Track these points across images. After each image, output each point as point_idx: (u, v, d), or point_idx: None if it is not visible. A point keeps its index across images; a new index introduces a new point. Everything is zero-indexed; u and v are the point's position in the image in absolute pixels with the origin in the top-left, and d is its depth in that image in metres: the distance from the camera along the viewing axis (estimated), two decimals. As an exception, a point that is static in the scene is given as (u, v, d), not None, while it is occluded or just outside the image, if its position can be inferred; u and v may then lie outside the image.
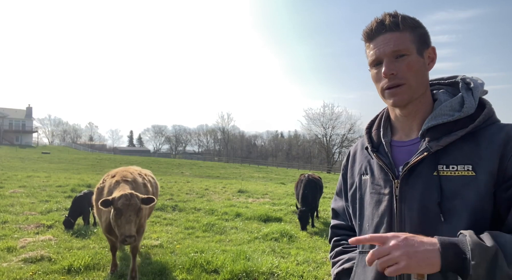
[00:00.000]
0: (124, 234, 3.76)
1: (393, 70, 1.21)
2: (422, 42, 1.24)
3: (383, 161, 1.29)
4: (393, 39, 1.22)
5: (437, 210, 1.13)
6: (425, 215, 1.15)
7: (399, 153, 1.30)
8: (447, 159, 1.16)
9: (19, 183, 14.01)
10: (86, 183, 14.30)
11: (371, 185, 1.33)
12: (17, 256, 5.31)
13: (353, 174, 1.45)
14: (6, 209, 8.89)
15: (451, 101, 1.23)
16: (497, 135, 1.14)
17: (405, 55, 1.21)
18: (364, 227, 1.33)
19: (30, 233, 6.78)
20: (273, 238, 7.10)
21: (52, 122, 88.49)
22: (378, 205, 1.27)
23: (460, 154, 1.16)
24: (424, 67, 1.25)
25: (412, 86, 1.22)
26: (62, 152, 53.28)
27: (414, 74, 1.22)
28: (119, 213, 3.85)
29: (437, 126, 1.20)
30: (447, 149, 1.17)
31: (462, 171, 1.13)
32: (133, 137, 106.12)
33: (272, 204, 11.75)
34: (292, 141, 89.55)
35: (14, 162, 28.94)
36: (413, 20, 1.25)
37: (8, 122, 63.43)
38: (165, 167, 34.79)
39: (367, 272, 1.25)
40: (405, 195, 1.20)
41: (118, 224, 3.85)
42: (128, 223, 3.82)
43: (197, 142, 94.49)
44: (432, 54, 1.27)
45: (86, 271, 4.83)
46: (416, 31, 1.24)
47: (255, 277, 4.81)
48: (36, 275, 4.62)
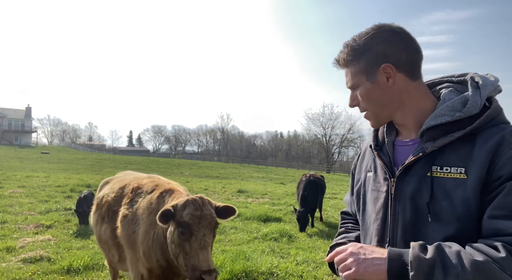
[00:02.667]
0: (200, 268, 2.22)
1: (353, 102, 1.35)
2: (370, 67, 1.27)
3: (383, 160, 1.34)
4: (346, 75, 1.34)
5: (426, 210, 1.15)
6: (416, 214, 1.19)
7: (400, 152, 1.34)
8: (442, 160, 1.17)
9: (18, 183, 14.00)
10: (86, 183, 14.29)
11: (373, 182, 1.38)
12: (16, 256, 5.31)
13: (360, 170, 1.51)
14: (5, 209, 8.88)
15: (453, 101, 1.22)
16: (492, 138, 1.12)
17: (357, 87, 1.31)
18: (366, 222, 1.39)
19: (30, 233, 6.78)
20: (273, 238, 7.10)
21: (51, 122, 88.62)
22: (376, 202, 1.33)
23: (455, 156, 1.16)
24: (379, 90, 1.28)
25: (374, 112, 1.33)
26: (62, 152, 53.25)
27: (369, 102, 1.31)
28: (187, 232, 2.33)
29: (435, 126, 1.20)
30: (443, 150, 1.18)
31: (454, 173, 1.14)
32: (132, 137, 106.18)
33: (272, 204, 11.74)
34: (292, 141, 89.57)
35: (13, 162, 28.91)
36: (359, 49, 1.28)
37: (7, 122, 63.37)
38: (165, 167, 34.76)
39: None
40: (400, 194, 1.24)
41: (185, 250, 2.31)
42: (204, 249, 2.30)
43: (196, 142, 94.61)
44: (388, 70, 1.26)
45: (85, 271, 4.83)
46: (362, 60, 1.28)
47: (255, 277, 4.81)
48: (35, 275, 4.62)
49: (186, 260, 2.30)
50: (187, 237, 2.32)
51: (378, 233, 1.29)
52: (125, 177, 3.64)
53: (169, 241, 2.43)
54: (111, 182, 3.74)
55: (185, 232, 2.32)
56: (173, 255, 2.42)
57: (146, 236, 2.68)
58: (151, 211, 2.73)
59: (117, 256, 3.19)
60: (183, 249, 2.33)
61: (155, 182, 3.07)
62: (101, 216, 3.30)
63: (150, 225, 2.68)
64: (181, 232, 2.33)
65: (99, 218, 3.34)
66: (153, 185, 2.99)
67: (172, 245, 2.40)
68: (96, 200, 3.55)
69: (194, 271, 2.24)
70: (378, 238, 1.28)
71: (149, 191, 2.93)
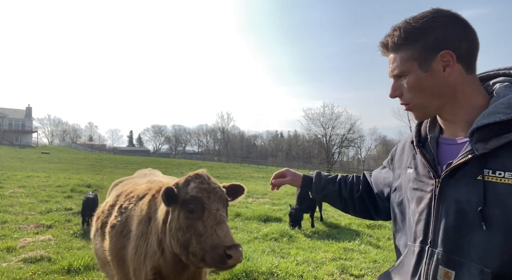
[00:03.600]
0: (223, 244, 1.84)
1: (395, 92, 1.26)
2: (426, 53, 1.18)
3: (426, 158, 1.26)
4: (393, 62, 1.24)
5: (475, 216, 1.08)
6: (461, 219, 1.12)
7: (445, 150, 1.25)
8: (494, 164, 1.07)
9: (18, 183, 14.00)
10: (86, 183, 14.28)
11: (414, 180, 1.30)
12: (16, 256, 5.31)
13: (401, 165, 1.44)
14: (6, 209, 8.88)
15: (509, 98, 1.10)
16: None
17: (404, 76, 1.22)
18: (409, 221, 1.32)
19: (30, 233, 6.78)
20: (273, 238, 7.10)
21: (52, 122, 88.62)
22: (419, 202, 1.26)
23: (510, 159, 1.06)
24: (432, 80, 1.19)
25: (421, 103, 1.22)
26: (62, 152, 53.26)
27: (418, 93, 1.21)
28: (197, 208, 1.96)
29: (488, 125, 1.09)
30: (497, 152, 1.08)
31: (509, 179, 1.04)
32: (132, 137, 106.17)
33: (272, 204, 11.74)
34: (292, 141, 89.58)
35: (13, 162, 28.92)
36: (414, 32, 1.18)
37: (7, 122, 63.39)
38: (165, 166, 34.75)
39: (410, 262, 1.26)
40: (445, 196, 1.17)
41: (198, 231, 1.92)
42: (222, 223, 1.94)
43: (196, 141, 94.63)
44: (447, 58, 1.16)
45: (85, 271, 4.83)
46: (417, 45, 1.18)
47: (255, 277, 4.81)
48: (35, 275, 4.62)
49: (201, 242, 1.88)
50: (199, 214, 1.93)
51: (421, 234, 1.23)
52: (133, 180, 3.25)
53: (174, 231, 2.00)
54: (119, 185, 3.34)
55: (194, 208, 1.94)
56: (180, 246, 1.98)
57: (137, 251, 2.26)
58: (141, 220, 2.33)
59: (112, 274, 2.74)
60: (195, 230, 1.91)
61: (150, 185, 2.65)
62: (97, 228, 2.90)
63: (141, 237, 2.28)
64: (189, 209, 1.94)
65: (96, 230, 2.93)
66: (146, 189, 2.60)
67: (178, 233, 1.97)
68: (97, 209, 3.15)
69: (215, 250, 1.83)
70: (421, 239, 1.23)
71: (140, 196, 2.54)
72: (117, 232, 2.45)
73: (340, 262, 5.62)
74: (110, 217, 2.67)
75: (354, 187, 1.71)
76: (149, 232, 2.23)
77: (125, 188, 2.89)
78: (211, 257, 1.84)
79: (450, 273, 1.11)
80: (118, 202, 2.71)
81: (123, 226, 2.44)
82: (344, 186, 1.73)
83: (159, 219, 2.18)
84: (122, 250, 2.39)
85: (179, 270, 2.16)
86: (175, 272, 2.17)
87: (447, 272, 1.12)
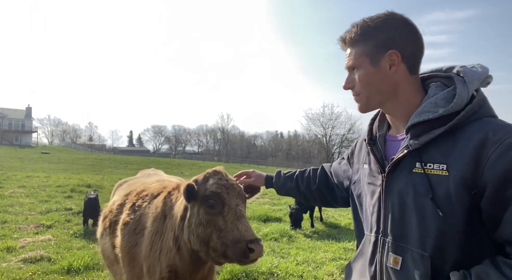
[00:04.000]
0: (244, 238, 1.85)
1: (346, 84, 1.37)
2: (377, 51, 1.28)
3: (375, 155, 1.39)
4: (349, 56, 1.35)
5: (412, 205, 1.21)
6: (403, 209, 1.24)
7: (391, 147, 1.38)
8: (426, 157, 1.20)
9: (18, 183, 13.99)
10: (86, 183, 14.28)
11: (368, 175, 1.44)
12: (16, 256, 5.31)
13: (359, 160, 1.58)
14: (6, 209, 8.87)
15: (436, 98, 1.24)
16: (475, 136, 1.12)
17: (357, 69, 1.33)
18: (366, 213, 1.44)
19: (30, 233, 6.78)
20: (273, 238, 7.10)
21: (52, 123, 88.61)
22: (372, 195, 1.39)
23: (437, 152, 1.18)
24: (379, 75, 1.30)
25: (366, 96, 1.34)
26: (62, 152, 53.25)
27: (365, 86, 1.32)
28: (217, 203, 1.98)
29: (419, 123, 1.22)
30: (427, 146, 1.20)
31: (437, 170, 1.16)
32: (132, 137, 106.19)
33: (272, 204, 11.75)
34: (292, 141, 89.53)
35: (13, 162, 28.91)
36: (368, 30, 1.29)
37: (7, 122, 63.38)
38: (165, 167, 34.74)
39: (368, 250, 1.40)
40: (390, 189, 1.29)
41: (219, 226, 1.93)
42: (242, 218, 1.95)
43: (196, 142, 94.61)
44: (393, 57, 1.27)
45: (85, 271, 4.82)
46: (370, 42, 1.29)
47: (255, 277, 4.81)
48: (35, 275, 4.62)
49: (222, 237, 1.90)
50: (219, 210, 1.95)
51: (375, 225, 1.36)
52: (139, 180, 3.19)
53: (193, 227, 2.01)
54: (123, 185, 3.29)
55: (214, 203, 1.96)
56: (201, 242, 1.98)
57: (152, 248, 2.26)
58: (156, 216, 2.33)
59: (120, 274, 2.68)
60: (215, 225, 1.93)
61: (163, 184, 2.66)
62: (104, 228, 2.89)
63: (156, 234, 2.28)
64: (209, 205, 1.96)
65: (103, 230, 2.91)
66: (160, 187, 2.61)
67: (198, 229, 1.98)
68: (103, 209, 3.11)
69: (237, 244, 1.84)
70: (375, 229, 1.35)
71: (155, 194, 2.54)
72: (130, 229, 2.44)
73: (340, 262, 5.61)
74: (119, 216, 2.66)
75: (310, 181, 1.87)
76: (164, 229, 2.23)
77: (134, 187, 2.88)
78: (233, 252, 1.85)
79: (398, 258, 1.24)
80: (129, 201, 2.70)
81: (136, 223, 2.43)
82: (301, 181, 1.90)
83: (176, 216, 2.18)
84: (135, 247, 2.38)
85: (195, 268, 2.17)
86: (190, 270, 2.17)
87: (395, 258, 1.25)
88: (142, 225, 2.40)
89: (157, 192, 2.57)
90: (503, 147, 1.07)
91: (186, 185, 2.01)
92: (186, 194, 1.99)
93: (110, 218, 2.80)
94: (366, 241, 1.42)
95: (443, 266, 1.16)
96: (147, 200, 2.54)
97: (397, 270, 1.23)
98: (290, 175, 1.96)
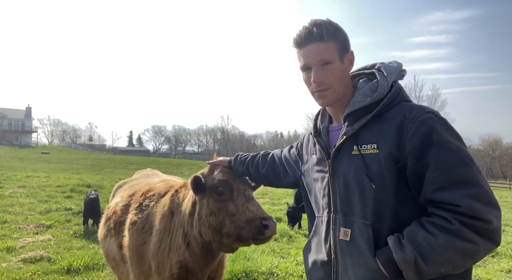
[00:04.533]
0: (258, 216, 1.91)
1: (320, 78, 1.46)
2: (342, 49, 1.48)
3: (320, 144, 1.59)
4: (319, 50, 1.44)
5: (354, 183, 1.41)
6: (347, 187, 1.44)
7: (333, 136, 1.58)
8: (361, 140, 1.42)
9: (18, 183, 13.99)
10: (86, 183, 14.28)
11: (316, 164, 1.63)
12: (16, 256, 5.31)
13: (307, 152, 1.76)
14: (6, 209, 8.88)
15: (364, 89, 1.47)
16: (396, 117, 1.36)
17: (330, 63, 1.45)
18: (317, 197, 1.62)
19: (30, 233, 6.78)
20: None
21: (52, 123, 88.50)
22: (322, 180, 1.58)
23: (369, 134, 1.40)
24: (345, 71, 1.51)
25: (336, 89, 1.48)
26: (62, 152, 53.24)
27: (337, 80, 1.47)
28: (226, 190, 2.04)
29: (353, 112, 1.44)
30: (361, 130, 1.42)
31: (369, 149, 1.38)
32: (132, 137, 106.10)
33: (272, 204, 11.75)
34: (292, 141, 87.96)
35: (13, 162, 28.91)
36: (335, 29, 1.47)
37: (7, 122, 63.39)
38: (165, 167, 34.75)
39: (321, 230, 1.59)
40: (336, 172, 1.50)
41: (231, 211, 1.98)
42: (252, 200, 2.02)
43: (196, 142, 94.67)
44: (351, 58, 1.52)
45: (85, 271, 4.83)
46: (337, 40, 1.47)
47: (255, 277, 4.81)
48: (35, 275, 4.62)
49: (235, 221, 1.95)
50: (228, 195, 2.02)
51: (326, 206, 1.54)
52: (139, 180, 3.20)
53: (204, 217, 2.06)
54: (124, 186, 3.29)
55: (223, 190, 2.03)
56: (213, 231, 2.02)
57: (161, 245, 2.28)
58: (163, 215, 2.35)
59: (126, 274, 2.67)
60: (227, 211, 1.98)
61: (170, 183, 2.68)
62: (108, 229, 2.88)
63: (164, 231, 2.31)
64: (218, 192, 2.03)
65: (107, 231, 2.90)
66: (167, 186, 2.63)
67: (210, 218, 2.03)
68: (105, 211, 3.09)
69: (251, 223, 1.89)
70: (327, 210, 1.54)
71: (162, 194, 2.57)
72: (138, 228, 2.46)
73: (340, 262, 5.60)
74: (125, 216, 2.67)
75: (259, 165, 2.04)
76: (172, 226, 2.28)
77: (138, 188, 2.89)
78: (248, 231, 1.91)
79: (347, 231, 1.44)
80: (134, 201, 2.71)
81: (144, 222, 2.46)
82: (251, 165, 2.06)
83: (184, 212, 2.24)
84: (143, 246, 2.40)
85: (206, 262, 2.23)
86: (201, 264, 2.22)
87: (345, 231, 1.45)
88: (150, 223, 2.42)
89: (163, 191, 2.59)
90: (417, 123, 1.31)
91: (193, 177, 2.07)
92: (194, 185, 2.05)
93: (115, 219, 2.80)
94: (319, 222, 1.61)
95: (382, 232, 1.36)
96: (154, 199, 2.56)
97: (347, 241, 1.43)
98: (244, 159, 2.12)
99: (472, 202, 1.20)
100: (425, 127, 1.29)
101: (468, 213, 1.19)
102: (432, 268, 1.22)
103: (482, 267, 5.80)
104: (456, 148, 1.28)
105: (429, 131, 1.29)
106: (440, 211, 1.25)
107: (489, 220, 1.19)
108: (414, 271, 1.24)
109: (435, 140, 1.28)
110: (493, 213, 1.21)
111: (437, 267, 1.22)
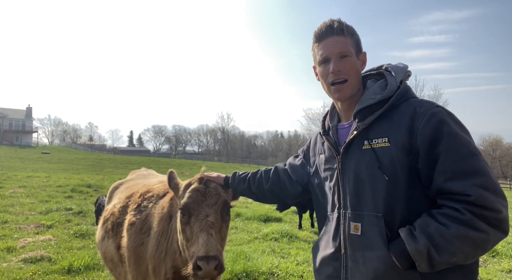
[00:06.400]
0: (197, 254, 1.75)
1: (339, 67, 1.51)
2: (358, 47, 1.57)
3: (329, 142, 1.63)
4: (340, 42, 1.52)
5: (364, 178, 1.44)
6: (357, 182, 1.47)
7: (341, 134, 1.63)
8: (372, 134, 1.46)
9: (19, 183, 14.00)
10: (86, 183, 14.29)
11: (325, 162, 1.66)
12: (17, 256, 5.31)
13: (315, 153, 1.80)
14: (6, 209, 8.88)
15: (373, 87, 1.53)
16: (407, 111, 1.41)
17: (348, 56, 1.52)
18: (327, 194, 1.65)
19: (30, 233, 6.78)
20: (273, 238, 7.10)
21: (52, 123, 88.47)
22: (331, 178, 1.60)
23: (380, 129, 1.45)
24: (360, 68, 1.58)
25: (352, 83, 1.54)
26: (62, 152, 53.26)
27: (354, 73, 1.54)
28: (186, 213, 1.94)
29: (363, 108, 1.49)
30: (372, 126, 1.47)
31: (381, 143, 1.42)
32: (133, 137, 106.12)
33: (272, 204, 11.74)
34: (292, 141, 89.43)
35: (14, 162, 28.93)
36: (353, 28, 1.57)
37: (8, 122, 63.39)
38: (165, 167, 34.67)
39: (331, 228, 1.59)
40: (345, 168, 1.53)
41: (187, 236, 1.90)
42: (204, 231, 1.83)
43: (197, 142, 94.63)
44: (364, 58, 1.60)
45: (86, 271, 4.83)
46: (354, 38, 1.55)
47: (255, 277, 4.81)
48: (36, 275, 4.62)
49: (188, 248, 1.85)
50: (187, 219, 1.91)
51: (337, 202, 1.56)
52: (136, 181, 3.16)
53: (176, 232, 2.01)
54: (121, 187, 3.28)
55: (185, 213, 1.92)
56: (182, 250, 1.94)
57: (158, 248, 2.25)
58: (162, 217, 2.30)
59: (124, 275, 2.63)
60: (185, 235, 1.89)
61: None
62: (106, 231, 2.85)
63: (162, 234, 2.26)
64: (182, 214, 1.93)
65: (104, 233, 2.89)
66: (165, 188, 2.53)
67: (179, 235, 1.98)
68: (103, 213, 3.04)
69: (191, 259, 1.77)
70: (337, 206, 1.56)
71: (160, 195, 2.52)
72: (136, 229, 2.43)
73: (340, 262, 5.60)
74: (123, 217, 2.66)
75: (262, 181, 2.00)
76: (169, 230, 2.24)
77: (136, 189, 2.85)
78: (192, 265, 1.76)
79: (358, 225, 1.45)
80: (132, 202, 2.69)
81: (143, 223, 2.43)
82: (252, 182, 2.02)
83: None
84: (141, 247, 2.38)
85: None
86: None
87: (355, 225, 1.46)
88: (148, 225, 2.40)
89: (162, 192, 2.55)
90: (428, 116, 1.35)
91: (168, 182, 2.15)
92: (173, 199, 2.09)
93: (112, 220, 2.79)
94: (328, 220, 1.62)
95: (393, 224, 1.38)
96: (152, 200, 2.53)
97: (358, 235, 1.45)
98: (244, 176, 2.06)
99: (482, 192, 1.23)
100: (436, 120, 1.34)
101: (478, 202, 1.22)
102: (445, 258, 1.25)
103: (482, 267, 5.80)
104: (465, 140, 1.33)
105: (439, 123, 1.33)
106: (451, 202, 1.28)
107: (498, 209, 1.22)
108: (427, 261, 1.26)
109: (446, 132, 1.32)
110: (501, 203, 1.24)
111: (449, 257, 1.25)
